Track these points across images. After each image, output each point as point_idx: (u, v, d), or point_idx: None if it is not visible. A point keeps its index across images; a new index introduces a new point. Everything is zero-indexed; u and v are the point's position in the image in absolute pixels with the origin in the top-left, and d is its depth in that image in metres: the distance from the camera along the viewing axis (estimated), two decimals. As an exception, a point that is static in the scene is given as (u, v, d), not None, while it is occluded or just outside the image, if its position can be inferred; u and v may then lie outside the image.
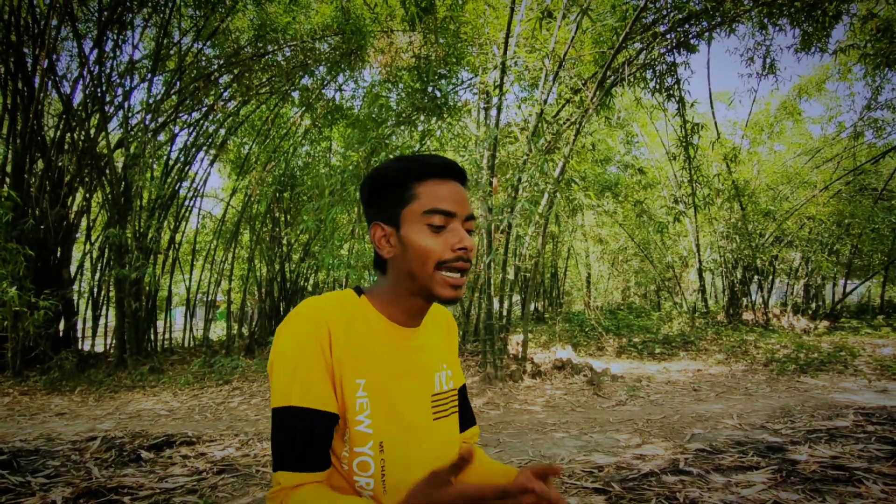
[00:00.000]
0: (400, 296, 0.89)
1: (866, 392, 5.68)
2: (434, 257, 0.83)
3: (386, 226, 0.87)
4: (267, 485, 3.23)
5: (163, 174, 9.55)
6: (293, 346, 0.80)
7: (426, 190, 0.85)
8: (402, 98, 8.26)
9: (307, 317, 0.82)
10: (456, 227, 0.85)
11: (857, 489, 2.79)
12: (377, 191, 0.89)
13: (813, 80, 12.77)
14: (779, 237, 13.26)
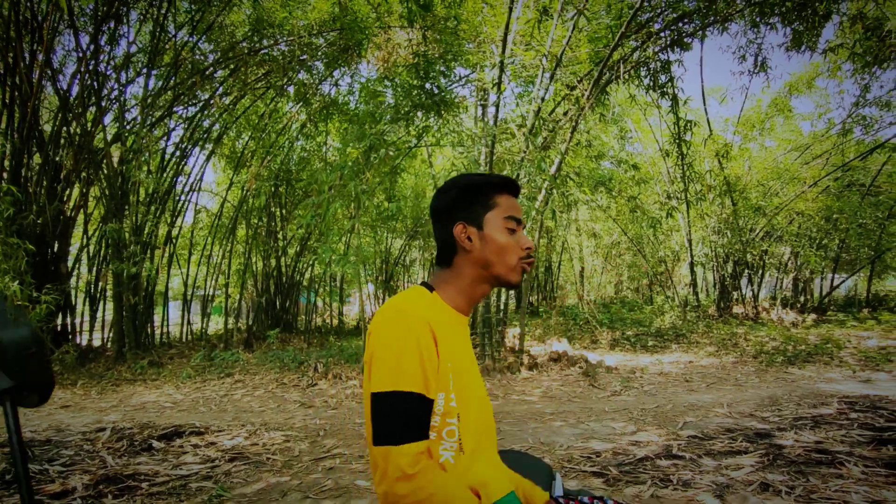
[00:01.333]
0: (469, 284, 1.07)
1: (850, 382, 5.89)
2: (510, 252, 1.04)
3: (469, 226, 1.06)
4: (278, 471, 3.35)
5: (159, 169, 9.57)
6: (400, 339, 0.93)
7: (504, 201, 1.07)
8: (400, 94, 8.34)
9: (408, 313, 0.95)
10: (522, 232, 1.08)
11: (839, 471, 2.95)
12: (462, 197, 1.07)
13: (803, 78, 12.97)
14: (769, 232, 13.50)
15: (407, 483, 0.86)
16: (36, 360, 0.58)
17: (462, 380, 1.00)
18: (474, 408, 1.03)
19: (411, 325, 0.94)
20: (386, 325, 0.96)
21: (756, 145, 14.82)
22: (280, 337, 10.76)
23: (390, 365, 0.91)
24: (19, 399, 0.58)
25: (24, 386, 0.59)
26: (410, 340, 0.92)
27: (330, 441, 4.06)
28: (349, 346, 9.63)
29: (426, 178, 14.57)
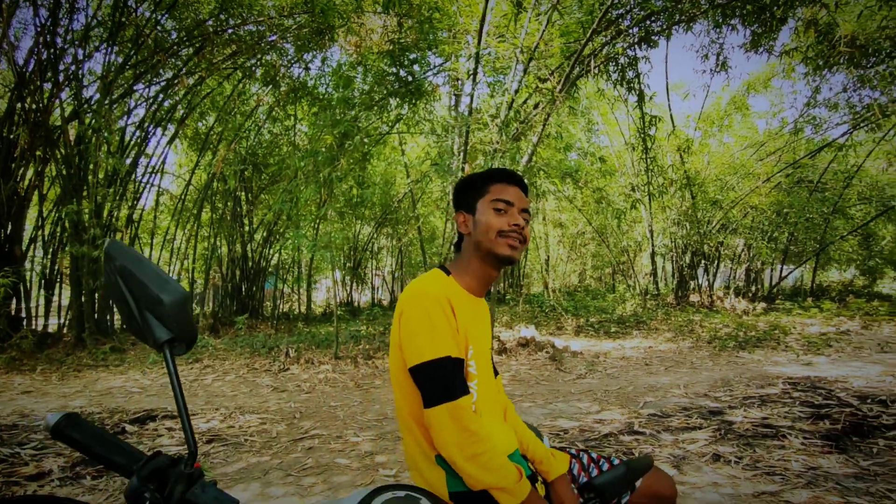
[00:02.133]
0: (475, 264, 1.20)
1: (794, 365, 6.34)
2: (495, 228, 1.15)
3: (466, 213, 1.21)
4: (257, 451, 3.41)
5: (119, 149, 9.24)
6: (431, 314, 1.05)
7: (495, 188, 1.20)
8: (373, 81, 8.31)
9: (432, 295, 1.07)
10: (513, 212, 1.18)
11: (782, 443, 3.25)
12: (463, 190, 1.23)
13: (760, 78, 13.57)
14: (724, 224, 14.14)
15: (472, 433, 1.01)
16: (186, 316, 0.67)
17: (479, 351, 1.16)
18: (486, 377, 1.19)
19: (438, 301, 1.07)
20: (416, 305, 1.07)
21: (715, 141, 15.44)
22: (247, 323, 10.64)
23: (428, 337, 1.04)
24: (174, 348, 0.67)
25: (178, 337, 0.68)
26: (439, 314, 1.05)
27: (307, 423, 4.14)
28: (319, 332, 9.64)
29: (396, 166, 14.57)
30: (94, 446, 0.64)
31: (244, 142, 11.38)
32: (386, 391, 5.40)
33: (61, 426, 0.63)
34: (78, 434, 0.64)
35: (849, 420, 3.63)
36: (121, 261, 0.70)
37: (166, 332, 0.69)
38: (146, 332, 0.69)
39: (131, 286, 0.69)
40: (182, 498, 0.61)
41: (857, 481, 2.61)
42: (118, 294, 0.70)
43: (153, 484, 0.61)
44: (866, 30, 8.88)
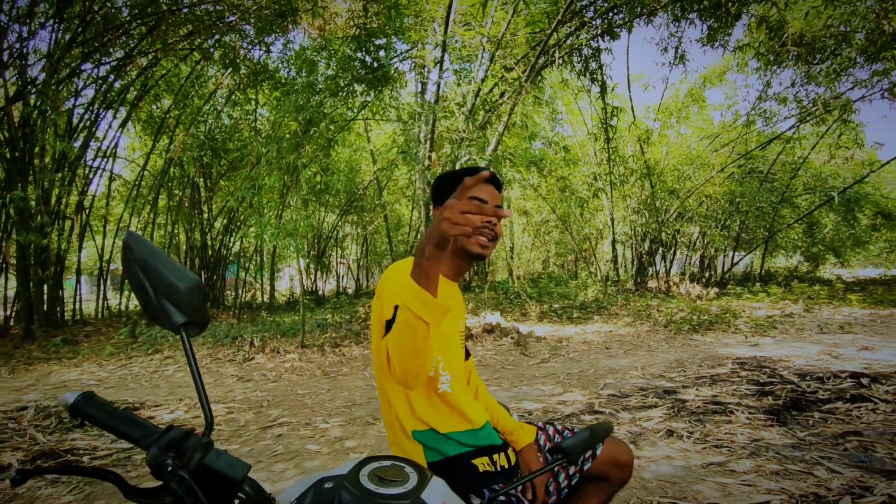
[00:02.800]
0: (449, 254, 1.25)
1: (742, 346, 6.72)
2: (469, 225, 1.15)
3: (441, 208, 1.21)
4: (226, 440, 3.41)
5: (66, 132, 8.79)
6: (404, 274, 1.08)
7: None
8: (337, 66, 8.17)
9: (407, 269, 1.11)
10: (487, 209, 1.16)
11: (729, 418, 3.48)
12: (440, 187, 1.28)
13: (716, 71, 14.06)
14: (681, 213, 14.68)
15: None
16: (199, 301, 0.71)
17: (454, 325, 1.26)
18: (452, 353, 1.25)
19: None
20: (394, 271, 1.15)
21: (673, 132, 15.92)
22: (209, 313, 10.40)
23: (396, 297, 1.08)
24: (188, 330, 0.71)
25: (192, 321, 0.71)
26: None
27: (275, 411, 4.14)
28: (283, 321, 9.53)
29: (362, 152, 14.40)
30: (111, 422, 0.68)
31: (202, 126, 11.00)
32: (354, 378, 5.43)
33: (79, 404, 0.66)
34: (94, 411, 0.67)
35: (789, 396, 3.91)
36: (139, 251, 0.74)
37: (182, 316, 0.73)
38: (163, 317, 0.74)
39: (149, 275, 0.73)
40: (200, 464, 0.65)
41: (794, 450, 2.84)
42: (137, 282, 0.74)
43: (172, 452, 0.65)
44: (813, 28, 9.33)
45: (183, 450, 0.66)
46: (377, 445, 3.23)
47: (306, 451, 3.17)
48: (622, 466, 1.39)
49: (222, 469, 0.66)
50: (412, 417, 1.17)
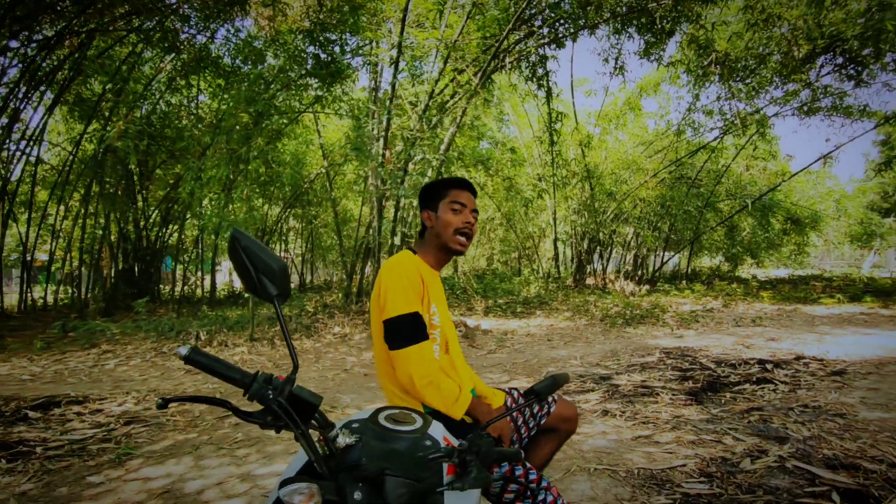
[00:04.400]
0: (434, 249, 1.51)
1: (669, 338, 7.35)
2: (452, 226, 1.46)
3: (430, 211, 1.50)
4: (183, 430, 3.44)
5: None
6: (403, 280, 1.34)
7: (453, 192, 1.49)
8: (286, 58, 8.10)
9: (406, 265, 1.37)
10: (466, 212, 1.46)
11: (655, 399, 3.90)
12: (428, 193, 1.52)
13: (651, 82, 14.98)
14: (618, 214, 15.56)
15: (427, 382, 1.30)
16: (287, 279, 0.89)
17: (439, 308, 1.47)
18: (447, 328, 1.47)
19: (409, 272, 1.37)
20: (393, 273, 1.36)
21: (612, 138, 16.82)
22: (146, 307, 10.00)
23: (400, 296, 1.32)
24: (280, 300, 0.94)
25: (281, 293, 0.93)
26: (409, 281, 1.35)
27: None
28: (227, 314, 9.35)
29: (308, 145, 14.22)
30: (216, 367, 0.85)
31: (137, 112, 10.50)
32: (307, 370, 5.50)
33: (190, 355, 0.82)
34: (202, 359, 0.84)
35: (706, 380, 4.42)
36: (244, 242, 0.93)
37: (275, 289, 0.93)
38: (261, 290, 0.93)
39: (252, 259, 0.93)
40: (290, 394, 0.84)
41: (708, 424, 3.27)
42: (242, 264, 0.94)
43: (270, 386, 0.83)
44: (736, 49, 10.22)
45: (275, 385, 0.84)
46: (336, 431, 3.38)
47: (267, 437, 3.27)
48: (569, 420, 1.68)
49: (306, 397, 0.86)
50: None
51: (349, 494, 0.79)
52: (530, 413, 1.63)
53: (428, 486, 0.86)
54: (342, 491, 0.79)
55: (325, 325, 7.74)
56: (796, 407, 3.57)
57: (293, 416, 0.83)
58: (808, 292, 13.35)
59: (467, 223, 1.48)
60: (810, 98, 12.32)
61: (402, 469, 0.84)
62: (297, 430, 0.84)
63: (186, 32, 9.49)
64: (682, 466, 2.62)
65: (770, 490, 2.31)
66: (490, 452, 0.93)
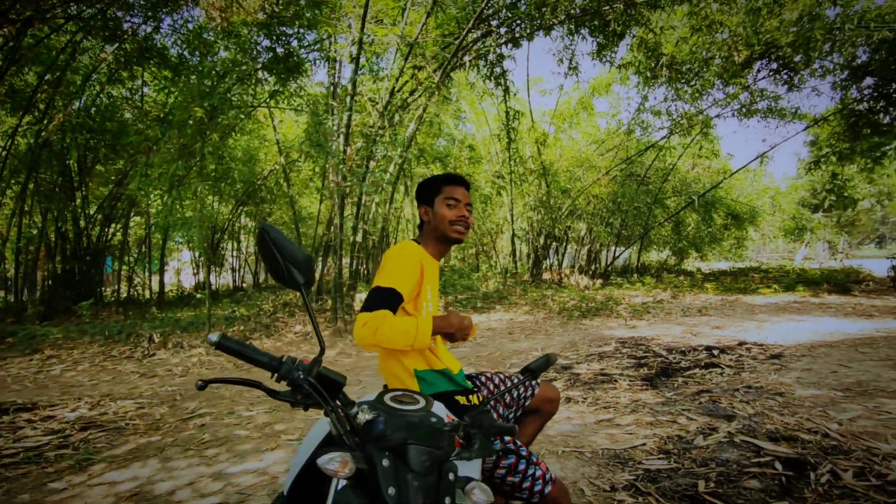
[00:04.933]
0: (433, 241, 1.58)
1: (623, 329, 7.67)
2: (448, 218, 1.54)
3: (427, 206, 1.57)
4: (144, 433, 3.33)
5: None
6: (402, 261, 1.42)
7: (447, 189, 1.57)
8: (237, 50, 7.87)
9: (412, 250, 1.46)
10: (460, 206, 1.55)
11: (614, 385, 4.10)
12: (424, 190, 1.59)
13: (603, 83, 15.48)
14: (572, 211, 16.02)
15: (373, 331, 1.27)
16: (312, 268, 0.94)
17: (433, 294, 1.54)
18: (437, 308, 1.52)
19: (412, 259, 1.45)
20: (397, 252, 1.45)
21: (566, 136, 17.27)
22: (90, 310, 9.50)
23: (390, 273, 1.38)
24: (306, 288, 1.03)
25: (308, 281, 1.01)
26: (407, 263, 1.43)
27: (191, 404, 4.07)
28: (178, 316, 9.03)
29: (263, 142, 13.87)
30: (246, 352, 0.91)
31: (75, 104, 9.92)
32: (269, 370, 5.42)
33: (221, 341, 0.89)
34: (232, 345, 0.90)
35: (660, 366, 4.67)
36: (273, 234, 1.01)
37: (302, 278, 1.02)
38: (289, 279, 1.02)
39: (281, 250, 1.01)
40: (318, 374, 0.90)
41: (664, 406, 3.48)
42: (271, 255, 1.02)
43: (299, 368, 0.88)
44: (682, 53, 10.74)
45: (301, 366, 0.89)
46: (306, 428, 3.38)
47: (236, 436, 3.23)
48: (551, 401, 1.79)
49: (333, 376, 0.93)
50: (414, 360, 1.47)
51: (378, 462, 0.85)
52: (518, 394, 1.72)
53: (444, 454, 0.93)
54: (371, 459, 0.85)
55: (286, 323, 7.61)
56: (741, 388, 3.84)
57: (322, 394, 0.89)
58: (747, 283, 14.21)
59: (462, 217, 1.57)
60: (748, 100, 13.10)
61: (422, 439, 0.92)
62: (326, 407, 0.91)
63: (130, 21, 9.08)
64: (642, 445, 2.79)
65: (721, 462, 2.50)
66: (491, 427, 1.02)
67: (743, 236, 21.42)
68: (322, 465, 0.82)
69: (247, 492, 2.41)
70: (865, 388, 3.71)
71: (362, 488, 0.86)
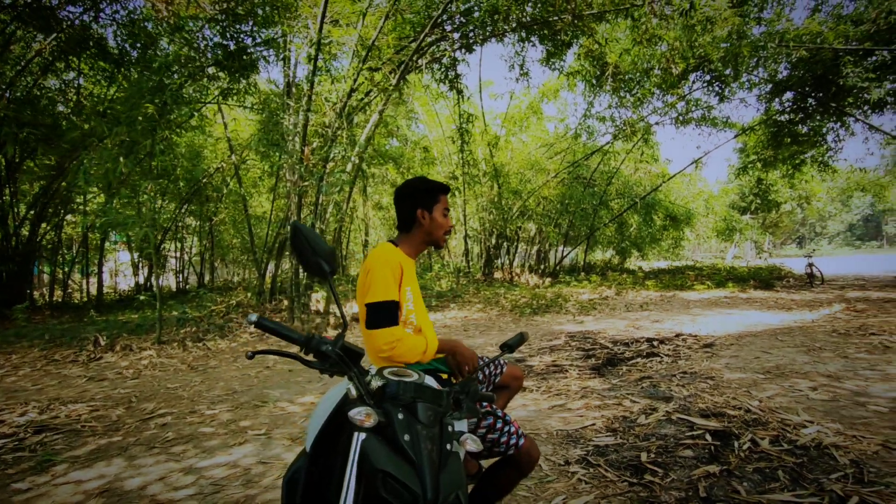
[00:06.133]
0: (419, 242, 1.71)
1: (571, 324, 8.08)
2: (443, 228, 1.71)
3: (425, 211, 1.69)
4: (103, 434, 3.29)
5: None
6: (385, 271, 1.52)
7: (443, 198, 1.73)
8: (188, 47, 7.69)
9: (389, 258, 1.55)
10: (450, 216, 1.65)
11: (565, 375, 4.39)
12: (422, 194, 1.70)
13: (552, 88, 16.06)
14: (523, 212, 16.52)
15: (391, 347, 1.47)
16: (336, 260, 1.07)
17: (413, 290, 1.67)
18: (420, 309, 1.66)
19: (391, 265, 1.55)
20: (379, 262, 1.54)
21: (516, 139, 17.77)
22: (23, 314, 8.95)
23: (381, 285, 1.50)
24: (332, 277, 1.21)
25: (333, 271, 1.16)
26: (390, 273, 1.54)
27: (149, 405, 4.01)
28: (120, 318, 8.68)
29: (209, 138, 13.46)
30: (280, 330, 1.06)
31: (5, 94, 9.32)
32: (226, 370, 5.37)
33: (259, 320, 1.04)
34: (269, 324, 1.05)
35: (606, 356, 5.02)
36: (304, 232, 1.17)
37: (329, 268, 1.19)
38: (318, 269, 1.18)
39: (312, 245, 1.17)
40: (342, 345, 1.07)
41: (610, 391, 3.79)
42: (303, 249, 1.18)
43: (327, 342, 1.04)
44: (624, 63, 11.36)
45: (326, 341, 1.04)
46: (271, 423, 3.44)
47: (201, 434, 3.25)
48: (517, 378, 2.00)
49: (354, 348, 1.10)
50: None
51: (394, 415, 1.03)
52: (489, 372, 1.93)
53: (444, 410, 1.13)
54: (388, 414, 1.03)
55: (240, 324, 7.50)
56: (678, 374, 4.22)
57: (347, 362, 1.05)
58: (683, 281, 15.16)
59: (452, 226, 1.77)
60: (685, 109, 14.00)
61: (427, 399, 1.11)
62: (349, 372, 1.09)
63: (67, 10, 8.65)
64: (592, 425, 3.06)
65: (660, 437, 2.80)
66: (475, 393, 1.21)
67: (680, 237, 22.73)
68: (352, 416, 1.00)
69: (221, 483, 2.48)
70: (782, 371, 4.18)
71: (381, 437, 1.03)
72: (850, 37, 10.42)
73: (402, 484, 0.96)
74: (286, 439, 3.08)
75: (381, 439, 1.03)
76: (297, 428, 3.30)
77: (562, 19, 8.78)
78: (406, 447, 1.02)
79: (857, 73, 10.05)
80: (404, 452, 1.01)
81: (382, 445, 1.02)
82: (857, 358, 4.57)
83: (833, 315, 7.56)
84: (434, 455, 1.04)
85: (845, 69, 10.15)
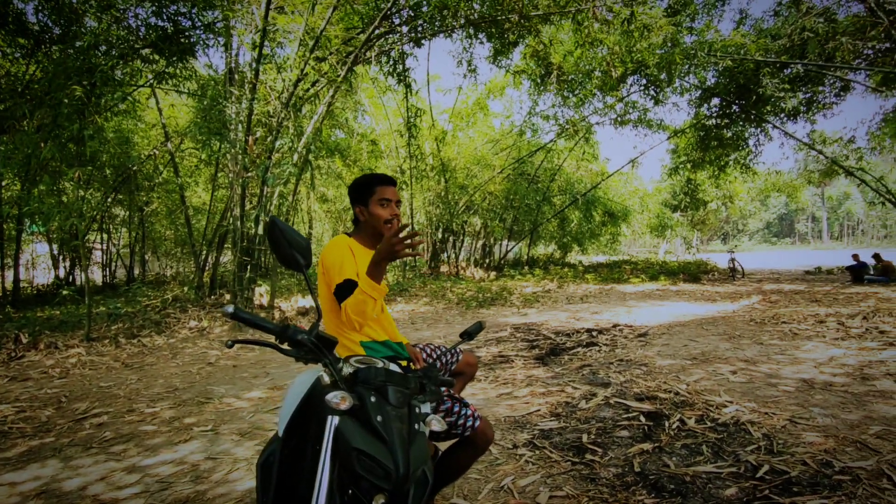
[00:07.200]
0: (369, 237, 1.74)
1: (516, 316, 8.34)
2: (382, 218, 1.71)
3: (362, 206, 1.72)
4: (34, 436, 3.11)
5: None
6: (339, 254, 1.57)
7: (380, 189, 1.72)
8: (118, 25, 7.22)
9: (339, 245, 1.60)
10: (392, 206, 1.72)
11: (511, 365, 4.56)
12: (358, 189, 1.73)
13: (498, 86, 16.34)
14: (469, 206, 16.75)
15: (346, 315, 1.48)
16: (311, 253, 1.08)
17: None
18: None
19: (342, 249, 1.61)
20: (331, 252, 1.59)
21: (463, 134, 17.95)
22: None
23: (337, 268, 1.55)
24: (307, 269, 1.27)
25: (307, 264, 1.18)
26: (341, 255, 1.59)
27: (81, 405, 3.81)
28: (43, 314, 8.08)
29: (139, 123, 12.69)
30: (255, 320, 1.07)
31: None
32: (164, 367, 5.16)
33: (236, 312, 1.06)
34: (245, 315, 1.07)
35: (549, 347, 5.25)
36: (280, 225, 1.21)
37: (304, 261, 1.24)
38: (293, 262, 1.23)
39: (288, 238, 1.22)
40: (318, 333, 1.11)
41: (553, 379, 3.98)
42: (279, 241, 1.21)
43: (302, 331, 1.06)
44: (568, 63, 11.75)
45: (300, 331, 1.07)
46: (218, 419, 3.37)
47: (143, 432, 3.13)
48: (472, 365, 2.11)
49: (328, 337, 1.15)
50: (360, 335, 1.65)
51: (367, 398, 1.09)
52: (446, 360, 2.00)
53: (410, 394, 1.19)
54: (361, 397, 1.08)
55: (178, 319, 7.19)
56: (615, 361, 4.50)
57: (322, 350, 1.10)
58: (620, 274, 15.94)
59: (395, 215, 1.75)
60: (623, 111, 14.66)
61: (395, 383, 1.18)
62: (325, 359, 1.14)
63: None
64: (537, 411, 3.22)
65: (600, 419, 3.00)
66: (436, 378, 1.29)
67: (617, 232, 23.79)
68: (328, 400, 1.06)
69: (168, 480, 2.42)
70: (707, 357, 4.55)
71: (354, 418, 1.09)
72: (769, 50, 11.31)
73: (376, 461, 1.02)
74: (235, 434, 3.04)
75: (354, 421, 1.09)
76: (245, 423, 3.26)
77: (509, 18, 8.97)
78: (378, 427, 1.08)
79: (774, 83, 10.92)
80: (377, 432, 1.07)
81: (357, 426, 1.07)
82: (770, 344, 5.04)
83: (751, 306, 8.25)
84: (404, 433, 1.11)
85: (764, 80, 11.01)
